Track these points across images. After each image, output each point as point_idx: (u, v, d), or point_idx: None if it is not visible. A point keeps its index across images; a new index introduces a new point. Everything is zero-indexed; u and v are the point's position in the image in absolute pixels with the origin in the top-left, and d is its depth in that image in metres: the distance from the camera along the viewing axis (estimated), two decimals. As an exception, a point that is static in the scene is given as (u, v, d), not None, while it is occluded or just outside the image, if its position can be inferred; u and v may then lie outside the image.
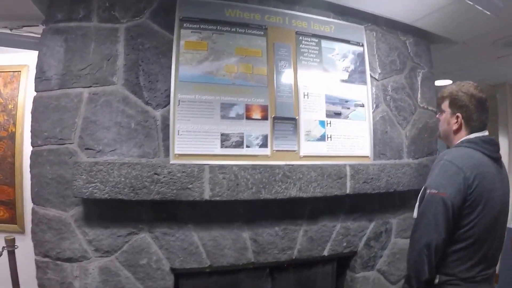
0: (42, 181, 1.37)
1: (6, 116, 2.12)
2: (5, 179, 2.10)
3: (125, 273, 1.37)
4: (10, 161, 2.09)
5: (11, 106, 2.11)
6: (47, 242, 1.34)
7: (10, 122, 2.11)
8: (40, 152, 1.39)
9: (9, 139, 2.10)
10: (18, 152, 2.08)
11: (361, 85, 1.72)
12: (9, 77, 2.12)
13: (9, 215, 2.10)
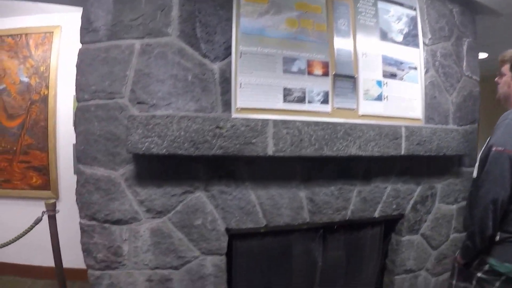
0: (90, 138, 1.26)
1: (38, 79, 2.04)
2: (38, 144, 2.03)
3: (178, 234, 1.30)
4: (43, 125, 2.02)
5: (43, 68, 2.03)
6: (94, 204, 1.25)
7: (42, 85, 2.03)
8: (87, 108, 1.28)
9: (42, 102, 2.03)
10: (51, 115, 2.01)
11: (414, 48, 1.69)
12: (41, 38, 2.03)
13: (42, 181, 2.05)
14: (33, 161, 2.04)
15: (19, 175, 2.06)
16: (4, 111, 2.07)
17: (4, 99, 2.07)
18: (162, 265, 1.30)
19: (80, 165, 1.25)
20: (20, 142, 2.05)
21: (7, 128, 2.06)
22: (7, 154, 2.07)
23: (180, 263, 1.31)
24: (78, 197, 1.24)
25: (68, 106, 2.03)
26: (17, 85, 2.06)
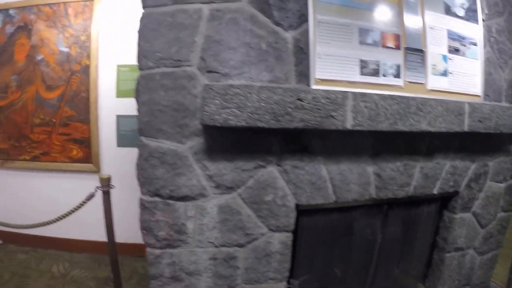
0: (154, 109, 1.17)
1: (79, 49, 1.97)
2: (79, 116, 1.98)
3: (247, 211, 1.25)
4: (84, 96, 1.97)
5: (83, 37, 1.96)
6: (159, 179, 1.18)
7: (83, 55, 1.97)
8: (151, 76, 1.18)
9: (83, 73, 1.97)
10: (93, 86, 1.95)
11: (473, 23, 1.66)
12: (81, 7, 1.96)
13: (83, 154, 2.00)
14: (74, 134, 1.99)
15: (59, 148, 2.02)
16: (43, 82, 2.01)
17: (43, 70, 2.00)
18: (228, 243, 1.27)
19: (143, 137, 1.18)
20: (59, 113, 1.99)
21: (46, 99, 2.01)
22: (46, 126, 2.02)
23: (246, 241, 1.28)
24: (139, 172, 1.17)
25: (110, 76, 1.98)
26: (56, 55, 1.99)
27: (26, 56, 2.02)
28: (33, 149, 2.05)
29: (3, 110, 2.08)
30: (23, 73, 2.03)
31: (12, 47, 2.04)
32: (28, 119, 2.04)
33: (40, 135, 2.03)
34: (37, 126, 2.03)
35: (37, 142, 2.04)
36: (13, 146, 2.08)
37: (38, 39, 2.01)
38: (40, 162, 2.05)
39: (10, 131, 2.07)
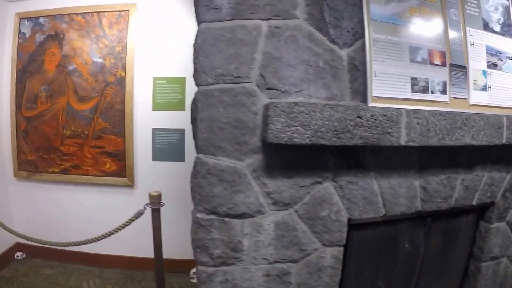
0: (214, 126, 1.16)
1: (114, 60, 1.94)
2: (113, 129, 1.94)
3: (302, 227, 1.26)
4: (119, 109, 1.92)
5: (118, 48, 1.92)
6: (216, 197, 1.18)
7: (118, 66, 1.93)
8: (210, 92, 1.17)
9: (118, 85, 1.93)
10: (129, 98, 1.92)
11: (509, 38, 1.72)
12: (115, 17, 1.91)
13: (117, 167, 1.96)
14: (107, 146, 1.95)
15: (91, 161, 1.97)
16: (75, 93, 1.95)
17: (75, 80, 1.95)
18: (282, 259, 1.27)
19: (201, 154, 1.17)
20: (92, 126, 1.95)
21: (78, 111, 1.96)
22: (78, 138, 1.96)
23: (300, 256, 1.29)
24: (196, 190, 1.17)
25: (146, 89, 1.95)
26: (89, 66, 1.94)
27: (57, 65, 1.97)
28: (63, 161, 1.99)
29: (32, 121, 2.01)
30: (53, 83, 1.98)
31: (42, 56, 1.98)
32: (59, 130, 1.98)
33: (71, 147, 1.97)
34: (68, 138, 1.97)
35: (68, 154, 1.98)
36: (42, 158, 2.01)
37: (70, 48, 1.95)
38: (71, 175, 1.99)
39: (39, 143, 2.01)
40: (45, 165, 2.01)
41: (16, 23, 2.01)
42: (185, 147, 1.95)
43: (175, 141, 1.94)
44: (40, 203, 2.08)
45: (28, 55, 2.00)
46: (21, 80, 2.02)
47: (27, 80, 2.01)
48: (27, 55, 2.01)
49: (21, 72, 2.02)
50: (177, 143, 1.94)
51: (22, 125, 2.02)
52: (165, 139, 1.95)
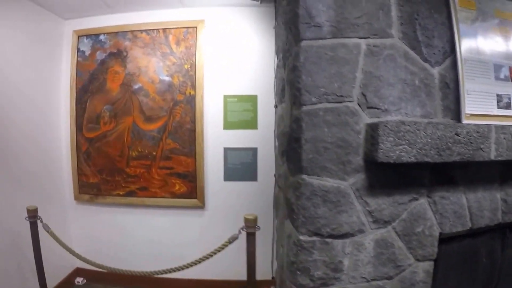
0: (319, 146, 1.17)
1: (182, 78, 1.87)
2: (183, 149, 1.87)
3: (399, 243, 1.26)
4: (189, 128, 1.85)
5: (187, 66, 1.85)
6: (320, 218, 1.18)
7: (187, 84, 1.86)
8: (314, 112, 1.18)
9: (187, 103, 1.86)
10: (199, 117, 1.85)
11: None
12: (182, 33, 1.83)
13: (187, 188, 1.88)
14: (177, 167, 1.87)
15: (159, 182, 1.89)
16: (141, 112, 1.87)
17: (141, 100, 1.87)
18: (378, 276, 1.27)
19: (306, 176, 1.18)
20: (161, 146, 1.87)
21: (145, 131, 1.88)
22: (145, 159, 1.88)
23: (395, 273, 1.29)
24: (300, 212, 1.17)
25: (217, 107, 1.91)
26: (156, 84, 1.87)
27: (120, 84, 1.89)
28: (129, 183, 1.90)
29: (93, 142, 1.93)
30: (117, 103, 1.90)
31: (104, 75, 1.90)
32: (124, 151, 1.89)
33: (137, 169, 1.89)
34: (134, 160, 1.89)
35: (134, 176, 1.90)
36: (105, 181, 1.92)
37: (134, 67, 1.88)
38: (137, 198, 1.91)
39: (102, 165, 1.93)
40: (108, 188, 1.93)
41: (74, 41, 1.94)
42: (258, 166, 1.87)
43: (247, 160, 1.87)
44: (101, 227, 2.02)
45: (88, 73, 1.93)
46: (81, 100, 1.94)
47: (88, 100, 1.93)
48: (87, 74, 1.93)
49: (81, 91, 1.93)
50: (250, 162, 1.87)
51: (84, 147, 1.93)
52: (237, 159, 1.88)
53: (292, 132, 1.23)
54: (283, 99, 1.65)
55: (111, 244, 2.03)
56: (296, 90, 1.21)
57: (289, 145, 1.31)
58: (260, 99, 1.89)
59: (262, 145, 1.90)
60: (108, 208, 1.99)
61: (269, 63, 1.88)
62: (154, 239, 1.97)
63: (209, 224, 1.93)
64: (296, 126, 1.19)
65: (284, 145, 1.47)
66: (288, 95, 1.44)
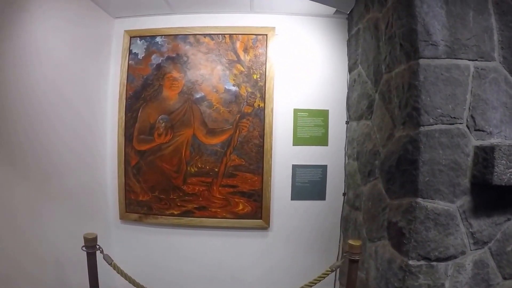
0: (435, 168, 1.13)
1: (250, 88, 1.70)
2: (249, 166, 1.70)
3: (491, 263, 1.24)
4: (257, 143, 1.70)
5: (256, 76, 1.70)
6: (431, 241, 1.13)
7: (256, 96, 1.71)
8: (431, 133, 1.14)
9: (255, 116, 1.70)
10: (268, 132, 1.72)
11: None
12: (251, 41, 1.67)
13: (251, 208, 1.72)
14: (241, 185, 1.71)
15: (221, 202, 1.71)
16: (203, 124, 1.67)
17: (203, 111, 1.68)
18: None
19: (420, 199, 1.14)
20: (224, 162, 1.69)
21: (207, 145, 1.70)
22: (205, 176, 1.70)
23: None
24: (412, 236, 1.14)
25: (286, 121, 1.83)
26: (221, 94, 1.69)
27: (179, 92, 1.70)
28: (185, 202, 1.70)
29: (146, 156, 1.72)
30: (175, 113, 1.69)
31: (160, 81, 1.69)
32: (181, 167, 1.69)
33: (196, 187, 1.70)
34: (192, 176, 1.71)
35: (192, 194, 1.71)
36: (157, 199, 1.72)
37: (196, 74, 1.69)
38: (194, 218, 1.73)
39: (154, 181, 1.75)
40: (161, 207, 1.71)
41: (126, 42, 1.73)
42: (327, 185, 1.68)
43: (316, 178, 1.74)
44: (151, 249, 1.88)
45: (141, 79, 1.71)
46: (132, 108, 1.72)
47: (140, 108, 1.72)
48: (140, 79, 1.71)
49: (133, 98, 1.72)
50: (319, 180, 1.74)
51: (133, 161, 1.70)
52: (306, 176, 1.76)
53: (406, 154, 1.19)
54: (369, 116, 1.49)
55: (164, 268, 1.86)
56: (414, 110, 1.16)
57: (397, 167, 1.27)
58: (331, 114, 1.78)
59: (332, 162, 1.85)
60: (159, 228, 1.86)
61: (341, 76, 1.83)
62: (214, 262, 1.85)
63: (273, 246, 1.78)
64: (412, 148, 1.15)
65: (384, 166, 1.37)
66: (388, 113, 1.37)
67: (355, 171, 1.70)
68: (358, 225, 1.65)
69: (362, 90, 1.63)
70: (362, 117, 1.62)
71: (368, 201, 1.52)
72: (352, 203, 1.72)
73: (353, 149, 1.72)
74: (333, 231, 1.82)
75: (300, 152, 1.80)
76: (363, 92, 1.61)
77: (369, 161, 1.52)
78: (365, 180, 1.56)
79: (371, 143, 1.51)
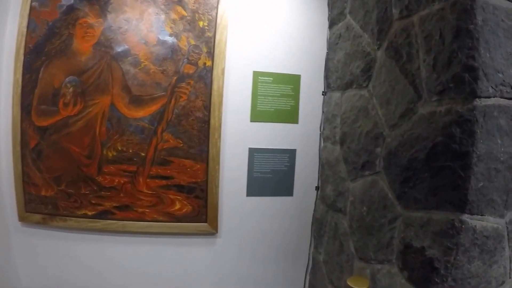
0: (491, 167, 0.67)
1: (194, 40, 1.13)
2: (189, 149, 1.14)
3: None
4: (201, 117, 1.12)
5: (203, 23, 1.13)
6: (473, 277, 0.68)
7: (201, 51, 1.13)
8: (489, 111, 0.67)
9: (199, 80, 1.20)
10: (217, 102, 1.15)
11: None
12: None
13: (192, 207, 1.17)
14: (178, 176, 1.15)
15: (150, 198, 1.15)
16: (125, 90, 1.13)
17: (126, 70, 1.12)
18: None
19: (468, 216, 0.65)
20: (154, 144, 1.13)
21: (129, 119, 1.13)
22: (128, 163, 1.14)
23: None
24: (451, 273, 0.68)
25: (242, 89, 1.16)
26: (152, 47, 1.14)
27: (94, 44, 1.10)
28: (102, 199, 1.15)
29: (48, 134, 1.18)
30: (88, 73, 1.16)
31: (70, 29, 1.16)
32: (95, 150, 1.14)
33: (115, 178, 1.15)
34: (110, 163, 1.15)
35: (110, 188, 1.16)
36: (65, 194, 1.17)
37: (119, 19, 1.14)
38: (114, 221, 1.17)
39: (60, 169, 1.20)
40: (70, 205, 1.18)
41: None
42: (295, 176, 1.12)
43: (281, 167, 1.21)
44: (60, 260, 1.23)
45: (46, 26, 1.17)
46: (31, 67, 1.18)
47: (42, 67, 1.11)
48: (44, 27, 1.18)
49: (33, 53, 1.18)
50: (285, 170, 1.22)
51: (32, 141, 1.16)
52: (268, 165, 1.22)
53: (448, 141, 0.68)
54: (365, 83, 0.95)
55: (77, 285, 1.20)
56: (466, 70, 0.65)
57: (428, 161, 0.74)
58: (303, 80, 1.23)
59: (303, 146, 1.29)
60: (71, 234, 1.21)
61: (319, 31, 1.25)
62: (142, 279, 1.19)
63: (223, 255, 1.25)
64: (459, 132, 0.66)
65: (397, 157, 0.85)
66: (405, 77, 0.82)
67: (336, 160, 1.15)
68: (340, 233, 1.13)
69: (353, 47, 1.09)
70: (352, 85, 1.09)
71: (361, 205, 1.00)
72: (331, 202, 1.18)
73: (333, 129, 1.17)
74: (302, 236, 1.29)
75: (261, 131, 1.22)
76: (355, 50, 1.08)
77: (365, 147, 1.00)
78: (355, 174, 1.05)
79: (369, 122, 0.99)
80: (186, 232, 1.19)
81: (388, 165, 0.87)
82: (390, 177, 0.86)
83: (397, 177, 0.83)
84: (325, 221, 1.22)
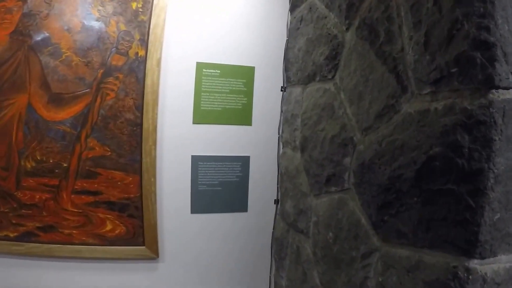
0: (510, 190, 0.43)
1: (125, 26, 0.91)
2: (119, 158, 0.93)
3: None
4: (132, 120, 0.90)
5: (136, 4, 0.88)
6: None
7: (133, 38, 0.94)
8: (509, 107, 0.42)
9: (130, 73, 1.00)
10: (151, 100, 0.96)
11: None
12: None
13: (126, 228, 0.98)
14: (107, 192, 0.95)
15: (76, 218, 0.99)
16: (44, 87, 0.93)
17: (45, 63, 0.93)
18: None
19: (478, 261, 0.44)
20: (77, 152, 0.94)
21: (49, 122, 0.94)
22: (49, 176, 0.98)
23: None
24: None
25: (184, 84, 0.91)
26: (76, 34, 0.96)
27: (11, 33, 0.90)
28: (23, 219, 1.00)
29: None
30: (2, 68, 0.95)
31: None
32: (11, 160, 0.98)
33: (36, 194, 0.99)
34: (29, 176, 0.99)
35: (31, 206, 1.01)
36: None
37: (39, 1, 0.89)
38: (39, 244, 0.97)
39: None
40: None
41: None
42: (250, 189, 0.92)
43: (232, 178, 1.05)
44: None
45: None
46: None
47: None
48: None
49: None
50: (237, 181, 1.04)
51: None
52: (216, 175, 1.01)
53: (450, 153, 0.44)
54: (330, 74, 0.72)
55: None
56: (477, 48, 0.41)
57: (418, 180, 0.51)
58: (258, 74, 1.05)
59: (258, 153, 1.09)
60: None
61: (278, 15, 1.05)
62: None
63: (166, 282, 1.04)
64: (469, 140, 0.42)
65: (373, 173, 0.61)
66: (383, 63, 0.59)
67: (297, 170, 0.93)
68: (303, 261, 0.89)
69: (316, 31, 0.86)
70: (315, 78, 0.86)
71: (327, 229, 0.77)
72: (291, 221, 0.95)
73: (294, 132, 0.95)
74: (260, 258, 1.09)
75: (206, 135, 1.03)
76: (319, 35, 0.85)
77: (329, 157, 0.77)
78: (319, 189, 0.81)
79: (335, 124, 0.76)
80: (122, 257, 0.98)
81: (360, 181, 0.64)
82: (363, 198, 0.63)
83: (374, 199, 0.60)
84: (286, 241, 0.98)
